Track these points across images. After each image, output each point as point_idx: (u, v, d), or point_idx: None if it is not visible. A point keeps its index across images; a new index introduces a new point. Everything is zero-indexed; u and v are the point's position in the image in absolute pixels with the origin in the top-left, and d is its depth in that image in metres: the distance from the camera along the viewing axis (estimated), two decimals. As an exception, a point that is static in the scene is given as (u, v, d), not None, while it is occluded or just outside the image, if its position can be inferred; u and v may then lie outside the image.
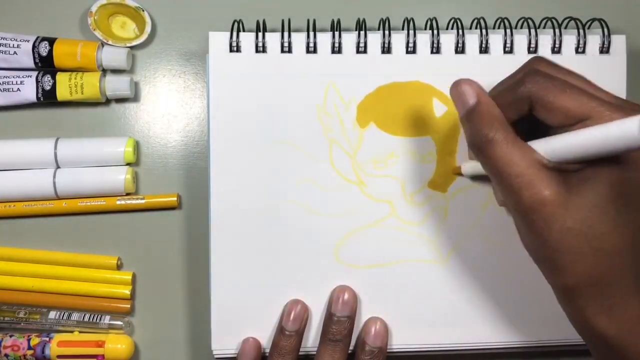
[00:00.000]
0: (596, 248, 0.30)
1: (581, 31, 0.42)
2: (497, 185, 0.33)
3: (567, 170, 0.31)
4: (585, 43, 0.43)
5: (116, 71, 0.45)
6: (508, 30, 0.43)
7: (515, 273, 0.43)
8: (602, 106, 0.30)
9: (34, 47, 0.43)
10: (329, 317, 0.41)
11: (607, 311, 0.31)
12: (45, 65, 0.44)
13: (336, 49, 0.42)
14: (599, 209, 0.30)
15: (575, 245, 0.30)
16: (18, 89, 0.43)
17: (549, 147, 0.31)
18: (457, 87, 0.35)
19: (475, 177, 0.42)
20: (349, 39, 0.42)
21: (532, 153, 0.31)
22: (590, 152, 0.29)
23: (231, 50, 0.42)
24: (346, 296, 0.41)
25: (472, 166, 0.40)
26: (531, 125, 0.33)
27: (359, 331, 0.42)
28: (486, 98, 0.33)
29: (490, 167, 0.32)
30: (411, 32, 0.42)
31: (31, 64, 0.44)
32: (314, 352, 0.41)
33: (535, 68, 0.33)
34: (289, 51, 0.42)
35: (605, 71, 0.43)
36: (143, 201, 0.44)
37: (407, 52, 0.42)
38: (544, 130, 0.33)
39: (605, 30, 0.43)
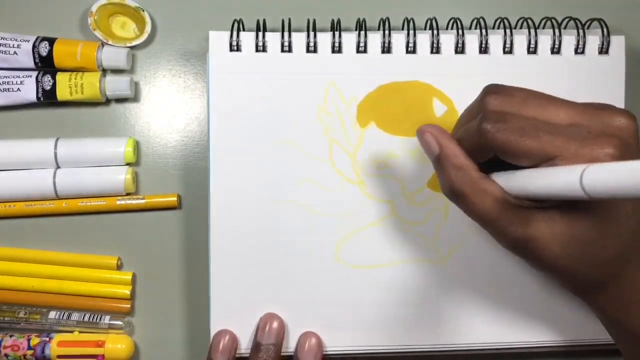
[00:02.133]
0: (589, 263, 0.31)
1: (580, 31, 0.43)
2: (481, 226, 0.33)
3: (545, 207, 0.31)
4: (584, 43, 0.43)
5: (116, 71, 0.45)
6: (508, 30, 0.43)
7: (515, 273, 0.43)
8: (566, 142, 0.29)
9: (34, 47, 0.43)
10: (255, 346, 0.41)
11: (616, 302, 0.32)
12: (45, 65, 0.44)
13: (336, 49, 0.42)
14: (583, 236, 0.30)
15: (569, 266, 0.31)
16: (18, 89, 0.43)
17: (511, 185, 0.31)
18: (420, 137, 0.34)
19: None
20: (349, 39, 0.42)
21: (505, 195, 0.31)
22: (547, 195, 0.29)
23: (231, 50, 0.42)
24: (274, 324, 0.41)
25: None
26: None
27: (295, 346, 0.42)
28: (448, 147, 0.33)
29: (467, 214, 0.33)
30: (411, 32, 0.42)
31: (31, 64, 0.44)
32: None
33: (487, 111, 0.31)
34: (289, 50, 0.42)
35: (604, 72, 0.43)
36: (143, 201, 0.44)
37: (407, 52, 0.42)
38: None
39: (605, 30, 0.43)
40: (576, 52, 0.43)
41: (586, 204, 0.30)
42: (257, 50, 0.42)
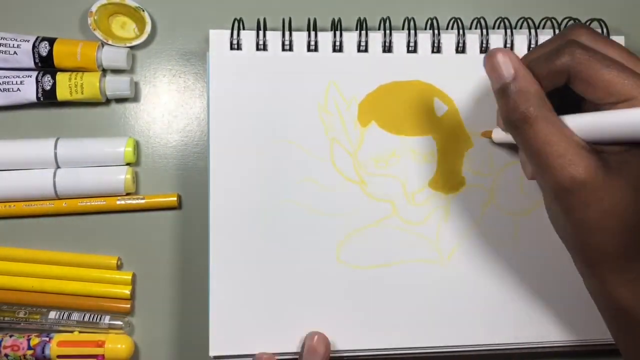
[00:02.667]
0: (628, 227, 0.30)
1: (581, 31, 0.43)
2: (532, 163, 0.32)
3: (607, 152, 0.30)
4: (584, 43, 0.43)
5: (116, 71, 0.45)
6: (508, 30, 0.43)
7: (516, 273, 0.43)
8: None
9: (34, 47, 0.43)
10: None
11: (629, 284, 0.31)
12: (45, 65, 0.44)
13: (337, 48, 0.42)
14: (636, 191, 0.30)
15: (609, 226, 0.30)
16: (18, 89, 0.43)
17: (585, 125, 0.30)
18: (492, 58, 0.32)
19: (506, 145, 0.42)
20: (350, 38, 0.42)
21: (572, 133, 0.30)
22: (629, 136, 0.28)
23: (232, 48, 0.42)
24: (321, 341, 0.41)
25: (506, 135, 0.39)
26: (564, 95, 0.32)
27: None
28: (524, 72, 0.32)
29: (526, 145, 0.31)
30: (412, 31, 0.42)
31: (31, 64, 0.44)
32: None
33: (574, 39, 0.31)
34: (290, 49, 0.42)
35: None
36: (143, 201, 0.44)
37: (408, 51, 0.42)
38: (578, 101, 0.32)
39: (605, 30, 0.43)
40: (576, 51, 0.43)
41: None
42: (257, 49, 0.42)
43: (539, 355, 0.45)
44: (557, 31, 0.43)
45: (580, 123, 0.30)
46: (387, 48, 0.42)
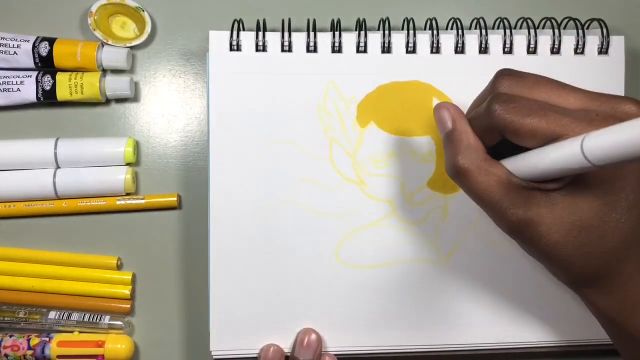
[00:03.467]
0: (587, 253, 0.31)
1: (580, 31, 0.43)
2: (482, 208, 0.33)
3: (550, 189, 0.31)
4: (584, 43, 0.43)
5: (116, 71, 0.45)
6: (507, 31, 0.43)
7: (514, 273, 0.43)
8: (573, 122, 0.29)
9: (34, 47, 0.43)
10: None
11: (607, 296, 0.32)
12: (45, 65, 0.44)
13: (336, 49, 0.42)
14: (583, 220, 0.31)
15: (566, 254, 0.31)
16: (18, 89, 0.43)
17: (517, 166, 0.31)
18: (437, 112, 0.35)
19: None
20: (349, 39, 0.42)
21: (510, 177, 0.31)
22: (552, 172, 0.29)
23: (231, 49, 0.42)
24: (313, 336, 0.41)
25: None
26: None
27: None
28: (461, 125, 0.33)
29: (468, 194, 0.33)
30: (411, 32, 0.42)
31: (31, 64, 0.44)
32: None
33: (497, 92, 0.32)
34: (289, 50, 0.42)
35: (603, 72, 0.43)
36: (143, 201, 0.44)
37: (407, 51, 0.42)
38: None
39: (604, 30, 0.43)
40: (576, 52, 0.43)
41: (588, 188, 0.30)
42: (257, 50, 0.42)
43: (537, 355, 0.45)
44: (556, 31, 0.43)
45: (517, 164, 0.31)
46: (386, 48, 0.42)
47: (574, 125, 0.29)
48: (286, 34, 0.42)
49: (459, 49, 0.43)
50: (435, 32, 0.42)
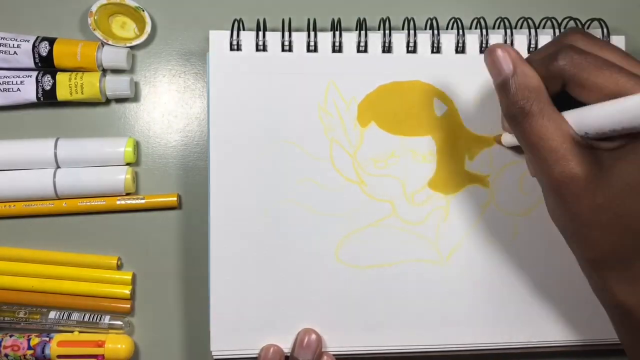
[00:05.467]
0: (624, 225, 0.30)
1: (581, 31, 0.43)
2: (529, 156, 0.32)
3: (603, 148, 0.30)
4: (584, 43, 0.43)
5: (116, 71, 0.45)
6: (508, 30, 0.43)
7: (515, 273, 0.43)
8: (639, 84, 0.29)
9: (34, 47, 0.43)
10: None
11: (630, 282, 0.31)
12: (45, 65, 0.44)
13: (337, 48, 0.42)
14: (630, 188, 0.29)
15: (604, 222, 0.30)
16: (18, 89, 0.43)
17: (582, 119, 0.30)
18: (492, 54, 0.33)
19: (514, 148, 0.42)
20: (350, 38, 0.42)
21: (568, 128, 0.31)
22: (624, 125, 0.28)
23: (232, 49, 0.42)
24: (313, 336, 0.41)
25: (513, 137, 0.39)
26: (571, 98, 0.32)
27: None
28: (523, 67, 0.32)
29: (524, 139, 0.32)
30: (412, 31, 0.42)
31: (31, 64, 0.44)
32: None
33: (568, 43, 0.32)
34: (290, 50, 0.42)
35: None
36: (143, 201, 0.44)
37: (408, 51, 0.42)
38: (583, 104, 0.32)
39: (605, 30, 0.43)
40: (576, 52, 0.43)
41: None
42: (257, 50, 0.42)
43: (538, 355, 0.45)
44: (557, 31, 0.43)
45: (579, 117, 0.31)
46: (387, 48, 0.42)
47: None
48: (286, 34, 0.42)
49: (460, 49, 0.43)
50: (435, 31, 0.42)
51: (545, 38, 0.43)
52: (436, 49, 0.42)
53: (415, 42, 0.42)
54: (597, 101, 0.30)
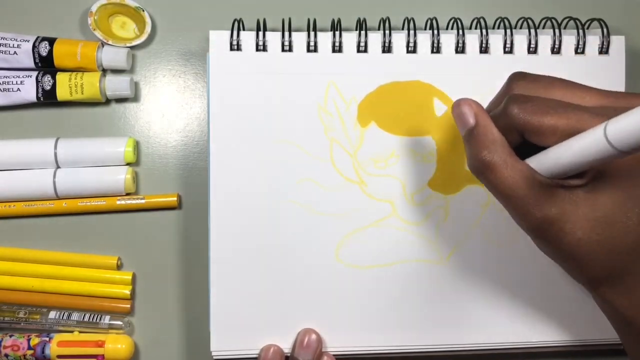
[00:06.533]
0: (608, 250, 0.31)
1: (580, 31, 0.43)
2: (503, 206, 0.33)
3: (574, 186, 0.31)
4: (584, 43, 0.43)
5: (116, 71, 0.45)
6: (508, 30, 0.43)
7: (515, 273, 0.43)
8: (592, 117, 0.29)
9: (34, 47, 0.43)
10: None
11: (626, 295, 0.32)
12: (45, 65, 0.44)
13: (337, 48, 0.42)
14: (606, 218, 0.30)
15: (588, 252, 0.31)
16: (18, 89, 0.43)
17: (543, 162, 0.31)
18: (457, 107, 0.34)
19: None
20: (350, 38, 0.42)
21: (533, 173, 0.31)
22: (576, 164, 0.29)
23: (232, 49, 0.42)
24: (313, 336, 0.41)
25: None
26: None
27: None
28: (484, 120, 0.33)
29: (492, 190, 0.33)
30: (411, 31, 0.42)
31: (31, 64, 0.44)
32: None
33: (513, 94, 0.32)
34: (290, 50, 0.42)
35: (604, 72, 0.43)
36: (143, 201, 0.44)
37: (408, 51, 0.42)
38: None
39: (605, 30, 0.43)
40: (576, 52, 0.43)
41: (611, 182, 0.30)
42: (257, 50, 0.42)
43: (538, 355, 0.45)
44: (557, 31, 0.43)
45: (541, 161, 0.31)
46: (387, 48, 0.42)
47: (593, 120, 0.29)
48: (286, 34, 0.42)
49: (460, 49, 0.43)
50: (435, 31, 0.42)
51: (545, 38, 0.43)
52: (436, 49, 0.42)
53: (415, 42, 0.42)
54: (555, 142, 0.30)
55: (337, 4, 0.46)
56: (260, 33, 0.42)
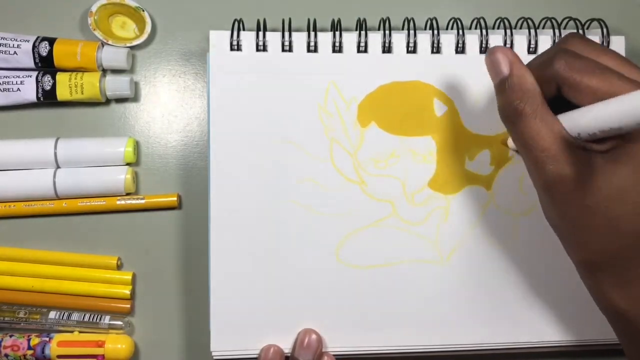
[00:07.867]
0: (614, 228, 0.30)
1: (580, 31, 0.43)
2: (522, 156, 0.33)
3: (595, 150, 0.31)
4: (584, 43, 0.43)
5: (116, 71, 0.45)
6: (508, 30, 0.43)
7: (515, 273, 0.43)
8: (635, 87, 0.29)
9: (34, 47, 0.43)
10: None
11: (623, 286, 0.31)
12: (45, 65, 0.44)
13: (337, 49, 0.42)
14: (619, 191, 0.30)
15: (592, 224, 0.31)
16: (18, 89, 0.43)
17: (574, 120, 0.31)
18: (491, 55, 0.34)
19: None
20: (350, 39, 0.42)
21: (560, 129, 0.31)
22: (611, 125, 0.28)
23: (232, 49, 0.42)
24: (313, 336, 0.41)
25: None
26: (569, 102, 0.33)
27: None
28: (519, 69, 0.33)
29: (517, 139, 0.33)
30: (412, 31, 0.42)
31: (31, 64, 0.44)
32: None
33: (565, 47, 0.32)
34: (290, 50, 0.42)
35: (604, 71, 0.43)
36: (143, 201, 0.44)
37: (408, 51, 0.42)
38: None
39: (605, 30, 0.43)
40: (576, 52, 0.43)
41: (633, 157, 0.30)
42: (257, 50, 0.42)
43: (538, 355, 0.45)
44: (556, 32, 0.43)
45: (572, 119, 0.31)
46: (387, 48, 0.42)
47: (635, 89, 0.29)
48: (287, 34, 0.42)
49: (460, 49, 0.43)
50: (435, 32, 0.42)
51: (545, 38, 0.43)
52: (436, 49, 0.42)
53: (415, 42, 0.42)
54: (590, 103, 0.30)
55: (337, 4, 0.46)
56: (261, 33, 0.42)
